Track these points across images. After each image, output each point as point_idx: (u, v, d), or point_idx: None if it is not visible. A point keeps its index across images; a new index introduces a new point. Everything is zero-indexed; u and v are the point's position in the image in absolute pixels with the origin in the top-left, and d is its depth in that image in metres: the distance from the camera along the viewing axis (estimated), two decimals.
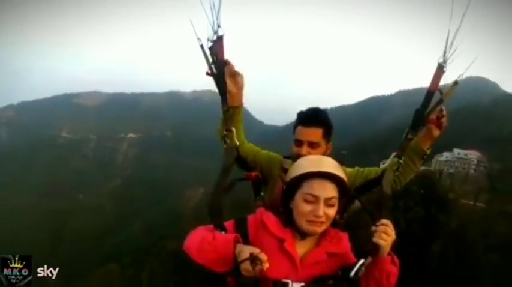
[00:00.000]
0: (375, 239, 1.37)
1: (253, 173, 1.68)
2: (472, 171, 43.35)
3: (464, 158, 45.41)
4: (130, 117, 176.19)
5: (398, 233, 1.46)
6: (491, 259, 24.16)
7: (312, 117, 1.80)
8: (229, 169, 1.59)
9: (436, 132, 1.74)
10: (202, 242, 1.31)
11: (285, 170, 1.62)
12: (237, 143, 1.72)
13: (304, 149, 1.76)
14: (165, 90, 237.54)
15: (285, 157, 1.93)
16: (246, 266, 1.20)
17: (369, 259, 1.40)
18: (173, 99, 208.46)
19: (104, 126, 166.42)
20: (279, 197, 1.53)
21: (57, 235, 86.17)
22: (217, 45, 1.60)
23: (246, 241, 1.36)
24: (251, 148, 1.98)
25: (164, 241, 49.58)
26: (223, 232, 1.38)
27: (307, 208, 1.33)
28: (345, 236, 1.53)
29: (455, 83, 1.66)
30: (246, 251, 1.23)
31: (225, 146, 1.69)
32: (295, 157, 1.69)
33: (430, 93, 1.67)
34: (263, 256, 1.21)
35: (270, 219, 1.43)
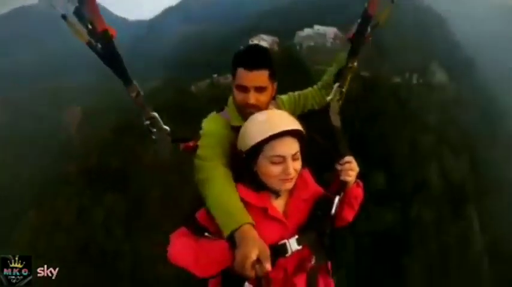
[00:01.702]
0: (344, 178, 1.51)
1: (191, 143, 1.58)
2: (329, 44, 49.13)
3: (323, 33, 51.37)
4: None
5: None
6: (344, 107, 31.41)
7: (255, 59, 1.53)
8: (169, 165, 1.67)
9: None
10: (198, 262, 1.28)
11: (235, 128, 1.53)
12: (167, 128, 1.52)
13: (252, 95, 1.54)
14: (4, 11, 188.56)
15: (219, 111, 1.71)
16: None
17: (342, 194, 1.54)
18: (22, 16, 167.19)
19: None
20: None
21: None
22: (87, 7, 1.22)
23: None
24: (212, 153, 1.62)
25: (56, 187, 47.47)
26: (206, 233, 1.36)
27: (276, 169, 1.35)
28: (308, 175, 1.57)
29: (392, 1, 1.59)
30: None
31: (153, 137, 1.46)
32: (241, 107, 1.57)
33: (368, 16, 1.60)
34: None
35: (245, 191, 1.42)
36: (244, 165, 1.43)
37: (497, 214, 47.26)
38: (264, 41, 52.67)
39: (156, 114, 1.46)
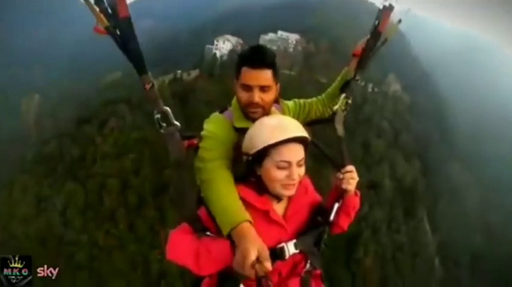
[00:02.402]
0: (345, 186, 1.56)
1: (195, 141, 1.54)
2: (291, 50, 51.14)
3: (285, 38, 53.53)
4: None
5: None
6: None
7: (260, 58, 1.52)
8: (181, 162, 1.40)
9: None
10: (198, 259, 1.27)
11: (238, 130, 1.54)
12: (177, 124, 1.44)
13: (256, 94, 1.52)
14: None
15: (220, 112, 1.67)
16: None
17: (341, 201, 1.60)
18: None
19: None
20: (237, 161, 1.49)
21: None
22: None
23: None
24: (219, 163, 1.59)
25: (13, 176, 45.56)
26: (207, 233, 1.35)
27: (281, 174, 1.34)
28: (308, 182, 1.60)
29: (399, 21, 1.70)
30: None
31: (161, 131, 1.40)
32: (245, 106, 1.55)
33: (378, 33, 1.70)
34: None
35: (248, 193, 1.42)
36: (248, 167, 1.42)
37: (448, 216, 49.91)
38: (228, 41, 54.05)
39: (168, 108, 1.40)
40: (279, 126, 1.35)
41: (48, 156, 45.07)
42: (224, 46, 53.98)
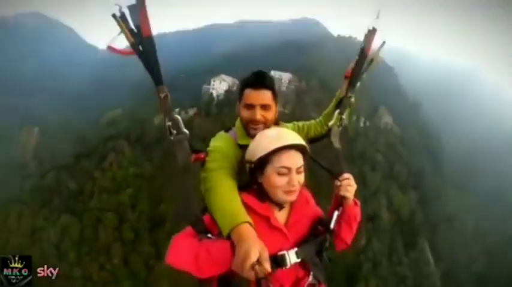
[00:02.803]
0: (343, 193, 1.60)
1: (202, 155, 1.61)
2: (284, 89, 53.53)
3: (279, 78, 55.85)
4: None
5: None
6: None
7: (261, 79, 1.70)
8: (188, 167, 1.47)
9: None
10: (198, 259, 1.27)
11: (241, 147, 1.65)
12: (187, 132, 1.52)
13: (258, 112, 1.68)
14: None
15: (225, 131, 1.82)
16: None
17: (341, 209, 1.63)
18: None
19: None
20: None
21: None
22: (137, 13, 1.35)
23: None
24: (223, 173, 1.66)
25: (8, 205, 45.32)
26: (209, 235, 1.37)
27: (282, 180, 1.40)
28: (308, 194, 1.66)
29: (383, 43, 1.92)
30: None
31: (172, 138, 1.48)
32: (248, 123, 1.69)
33: (365, 55, 1.88)
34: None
35: (251, 199, 1.47)
36: (251, 176, 1.48)
37: (449, 244, 49.80)
38: (224, 81, 56.56)
39: (178, 117, 1.49)
40: (279, 135, 1.46)
41: (45, 188, 45.61)
42: (220, 86, 56.29)
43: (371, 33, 1.86)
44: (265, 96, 1.69)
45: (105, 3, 1.24)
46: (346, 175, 1.67)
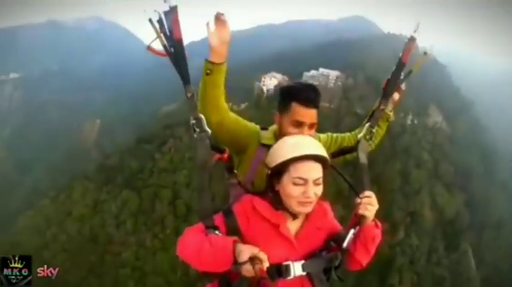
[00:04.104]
0: (362, 211, 1.50)
1: (226, 155, 1.61)
2: (331, 85, 55.60)
3: (326, 74, 57.86)
4: (6, 56, 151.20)
5: None
6: None
7: (313, 98, 1.67)
8: (206, 164, 1.45)
9: (396, 97, 1.84)
10: (201, 251, 1.28)
11: (263, 146, 1.67)
12: (209, 130, 1.49)
13: (306, 131, 1.66)
14: (42, 19, 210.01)
15: (262, 129, 1.83)
16: (247, 267, 1.19)
17: (357, 228, 1.52)
18: (53, 29, 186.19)
19: None
20: (255, 175, 1.63)
21: None
22: (170, 18, 1.38)
23: (238, 233, 1.39)
24: (235, 119, 1.75)
25: (73, 181, 52.73)
26: (216, 232, 1.36)
27: (297, 190, 1.37)
28: (328, 207, 1.61)
29: (425, 53, 1.77)
30: (245, 253, 1.21)
31: (195, 135, 1.48)
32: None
33: (402, 64, 1.74)
34: (262, 256, 1.20)
35: (263, 205, 1.45)
36: (268, 182, 1.47)
37: (494, 249, 47.95)
38: (275, 78, 59.87)
39: (202, 116, 1.47)
40: (299, 144, 1.42)
41: (109, 167, 50.93)
42: (270, 82, 59.25)
43: (410, 42, 1.73)
44: (314, 115, 1.69)
45: (150, 8, 1.35)
46: (368, 193, 1.56)
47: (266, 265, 1.20)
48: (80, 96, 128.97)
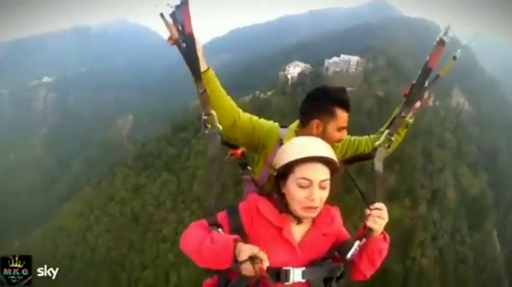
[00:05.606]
0: (370, 224, 1.42)
1: (239, 151, 1.63)
2: (353, 70, 57.50)
3: (347, 60, 59.78)
4: (37, 61, 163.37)
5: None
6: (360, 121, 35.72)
7: (349, 103, 1.69)
8: (216, 159, 1.44)
9: (418, 104, 1.72)
10: (202, 246, 1.27)
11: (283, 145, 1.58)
12: (220, 127, 1.49)
13: (345, 134, 1.72)
14: (68, 26, 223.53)
15: (282, 127, 1.81)
16: (247, 266, 1.18)
17: (364, 240, 1.44)
18: (79, 34, 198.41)
19: (12, 77, 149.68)
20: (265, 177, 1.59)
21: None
22: (182, 12, 1.39)
23: (242, 232, 1.37)
24: (249, 119, 1.76)
25: (109, 175, 56.88)
26: (219, 229, 1.34)
27: (301, 193, 1.33)
28: (336, 213, 1.55)
29: (454, 58, 1.57)
30: (245, 252, 1.19)
31: (206, 131, 1.48)
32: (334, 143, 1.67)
33: (428, 69, 1.55)
34: (263, 255, 1.19)
35: (266, 207, 1.42)
36: (274, 183, 1.43)
37: None
38: (298, 66, 62.37)
39: (214, 112, 1.47)
40: (306, 145, 1.38)
41: (147, 154, 54.44)
42: (294, 70, 61.73)
43: (438, 46, 1.52)
44: (348, 118, 1.72)
45: (163, 3, 1.36)
46: (378, 205, 1.47)
47: (266, 264, 1.19)
48: (110, 95, 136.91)
